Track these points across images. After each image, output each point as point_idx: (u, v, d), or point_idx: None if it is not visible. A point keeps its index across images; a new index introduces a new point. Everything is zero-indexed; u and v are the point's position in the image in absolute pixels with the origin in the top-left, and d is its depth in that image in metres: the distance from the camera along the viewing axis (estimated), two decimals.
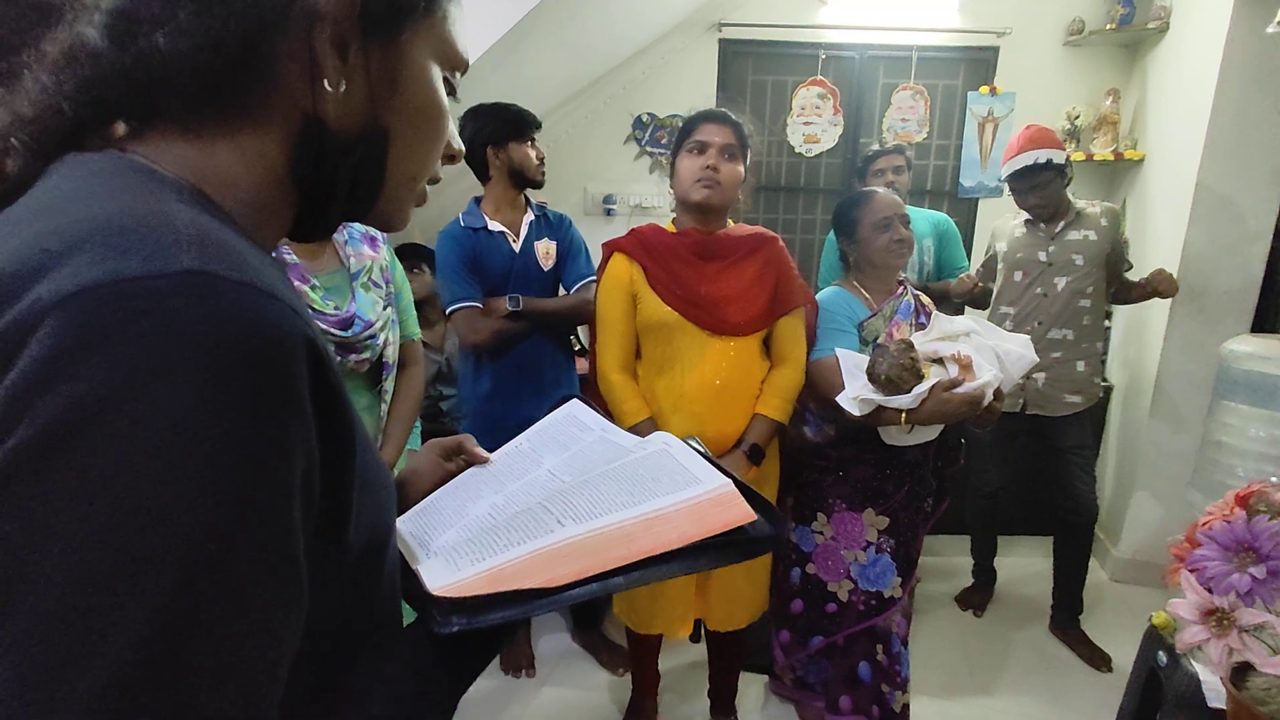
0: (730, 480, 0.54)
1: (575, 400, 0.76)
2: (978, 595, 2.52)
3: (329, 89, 0.41)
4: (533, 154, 1.93)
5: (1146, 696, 1.68)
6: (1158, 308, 2.55)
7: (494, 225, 1.92)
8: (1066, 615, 2.32)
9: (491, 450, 0.71)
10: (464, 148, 0.53)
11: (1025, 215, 2.25)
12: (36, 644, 0.27)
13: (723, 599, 1.68)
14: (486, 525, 0.57)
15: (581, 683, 2.10)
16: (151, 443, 0.28)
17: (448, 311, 1.89)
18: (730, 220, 1.65)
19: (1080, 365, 2.22)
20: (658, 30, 2.94)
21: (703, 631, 1.88)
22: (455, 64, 0.48)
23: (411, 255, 2.39)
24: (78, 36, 0.38)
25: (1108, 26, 2.79)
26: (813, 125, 3.09)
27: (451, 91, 0.48)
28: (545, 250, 1.97)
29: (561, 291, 2.02)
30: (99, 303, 0.29)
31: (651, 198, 3.15)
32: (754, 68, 3.10)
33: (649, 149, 3.14)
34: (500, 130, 1.88)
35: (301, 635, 0.35)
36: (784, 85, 3.09)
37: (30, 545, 0.27)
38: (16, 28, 0.41)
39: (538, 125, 1.95)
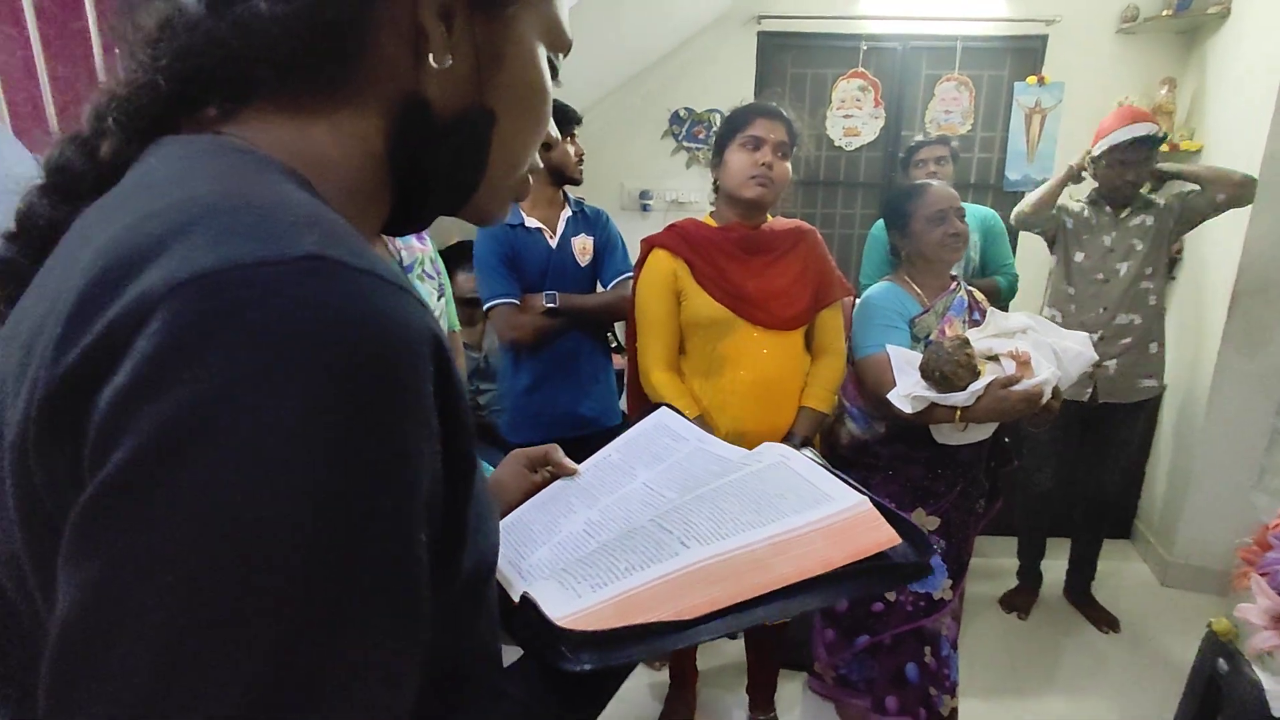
0: (866, 497, 0.48)
1: (664, 409, 0.70)
2: (1022, 598, 2.46)
3: (433, 64, 0.38)
4: (571, 151, 1.92)
5: (1205, 703, 1.63)
6: (1215, 305, 2.47)
7: (531, 222, 1.93)
8: (1079, 582, 2.44)
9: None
10: (560, 135, 0.50)
11: (1089, 196, 2.21)
12: (139, 688, 0.24)
13: None
14: (588, 544, 0.53)
15: None
16: (264, 460, 0.25)
17: (485, 308, 1.90)
18: (768, 214, 1.63)
19: (1153, 347, 2.22)
20: (696, 24, 2.92)
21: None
22: (560, 44, 0.45)
23: (462, 255, 2.41)
24: (175, 5, 0.36)
25: (1164, 13, 2.69)
26: (853, 118, 3.04)
27: (555, 74, 0.45)
28: (582, 246, 1.97)
29: (599, 287, 2.01)
30: (211, 293, 0.26)
31: (688, 193, 3.13)
32: (793, 60, 3.06)
33: (686, 144, 3.12)
34: None
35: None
36: (824, 78, 3.04)
37: (127, 579, 0.25)
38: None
39: (578, 120, 1.94)
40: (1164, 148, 2.70)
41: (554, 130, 0.48)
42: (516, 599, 0.46)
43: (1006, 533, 2.53)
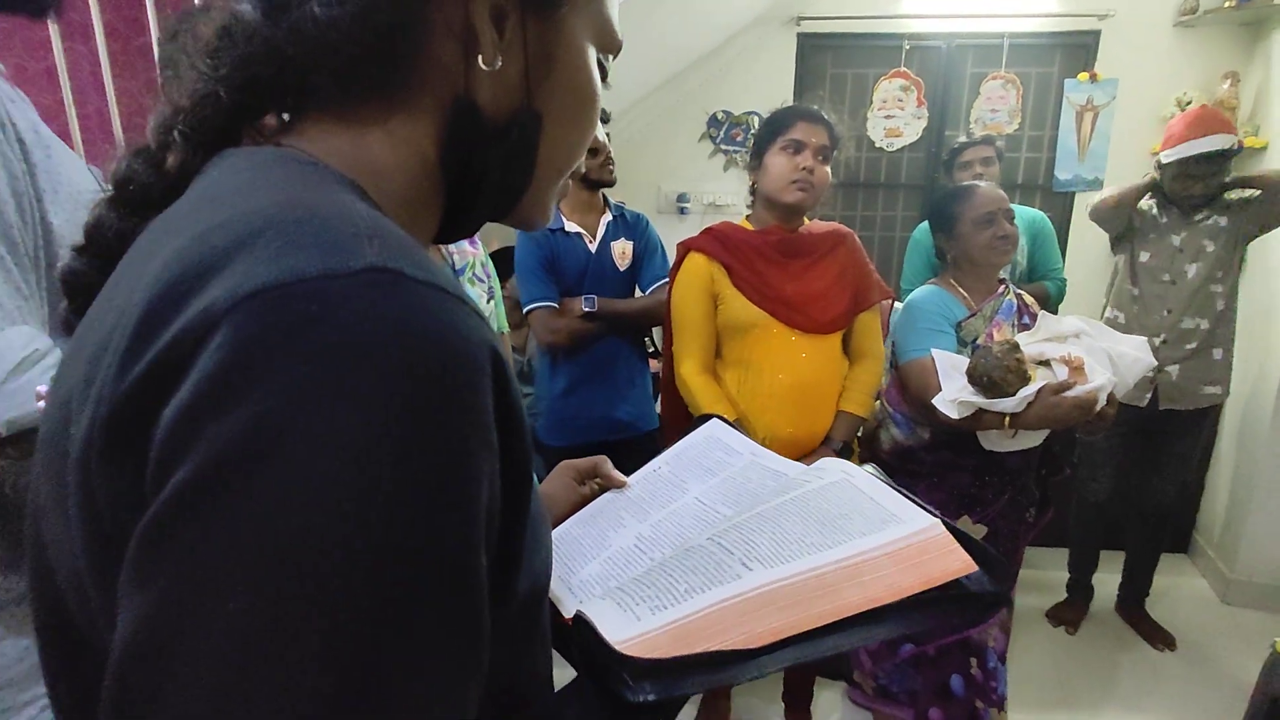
0: (938, 519, 0.45)
1: (715, 420, 0.68)
2: (1071, 611, 2.38)
3: (484, 66, 0.37)
4: (600, 155, 1.87)
5: None
6: None
7: (571, 226, 1.94)
8: (1133, 597, 2.35)
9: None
10: (605, 141, 0.50)
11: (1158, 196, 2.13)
12: (203, 709, 0.24)
13: None
14: (641, 561, 0.51)
15: None
16: (326, 480, 0.24)
17: (525, 310, 1.92)
18: (805, 217, 1.61)
19: (1218, 353, 2.13)
20: (734, 26, 2.90)
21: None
22: (611, 45, 0.44)
23: (512, 259, 2.44)
24: (233, 13, 0.37)
25: (1226, 5, 2.58)
26: (895, 119, 2.99)
27: (604, 76, 0.44)
28: (621, 250, 1.98)
29: (638, 292, 2.02)
30: (275, 307, 0.26)
31: (725, 196, 3.12)
32: (833, 61, 3.03)
33: (723, 147, 3.11)
34: None
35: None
36: (864, 78, 3.00)
37: (190, 604, 0.24)
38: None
39: (604, 120, 1.93)
40: None
41: (600, 134, 0.47)
42: (568, 616, 0.44)
43: (1058, 544, 2.44)
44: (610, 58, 0.45)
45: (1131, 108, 2.81)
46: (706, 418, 0.70)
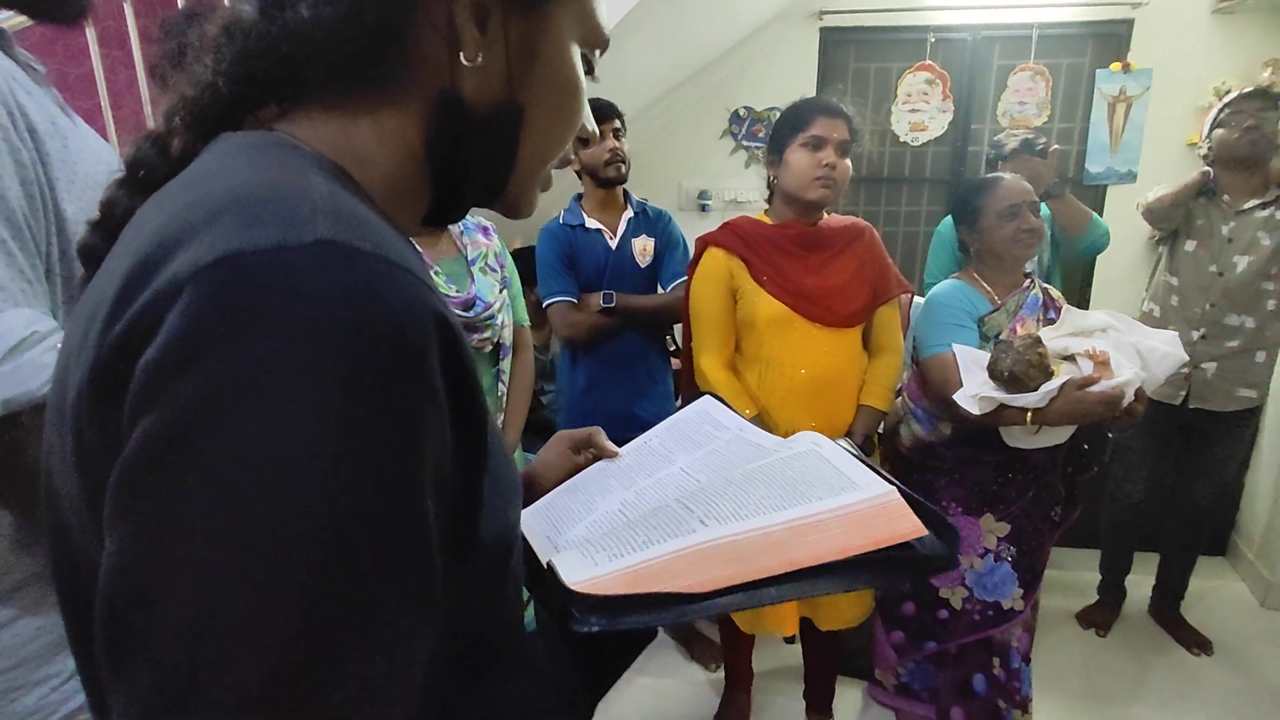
0: (895, 488, 0.49)
1: (708, 397, 0.72)
2: (1102, 614, 2.32)
3: (466, 61, 0.40)
4: (600, 150, 1.86)
5: None
6: None
7: (591, 223, 1.95)
8: (1167, 601, 2.29)
9: None
10: (596, 130, 0.52)
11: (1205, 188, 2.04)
12: (169, 650, 0.27)
13: (832, 598, 1.64)
14: (619, 521, 0.55)
15: (675, 674, 2.11)
16: (280, 433, 0.27)
17: (544, 305, 1.94)
18: (825, 211, 1.61)
19: (1260, 355, 2.02)
20: (757, 21, 2.89)
21: (799, 633, 1.84)
22: (596, 41, 0.46)
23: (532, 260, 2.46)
24: (234, 13, 0.40)
25: None
26: (919, 113, 2.95)
27: (590, 71, 0.46)
28: (642, 247, 1.98)
29: (659, 289, 2.02)
30: (231, 275, 0.28)
31: (747, 192, 3.11)
32: (856, 55, 3.00)
33: (745, 143, 3.10)
34: None
35: (435, 638, 0.33)
36: (888, 72, 2.96)
37: (161, 539, 0.27)
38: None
39: (616, 115, 1.88)
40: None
41: (591, 124, 0.49)
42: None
43: (1089, 545, 2.39)
44: (598, 53, 0.47)
45: (1166, 98, 2.73)
46: (702, 395, 0.72)
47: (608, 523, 0.55)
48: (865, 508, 0.47)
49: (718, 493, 0.51)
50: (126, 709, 0.28)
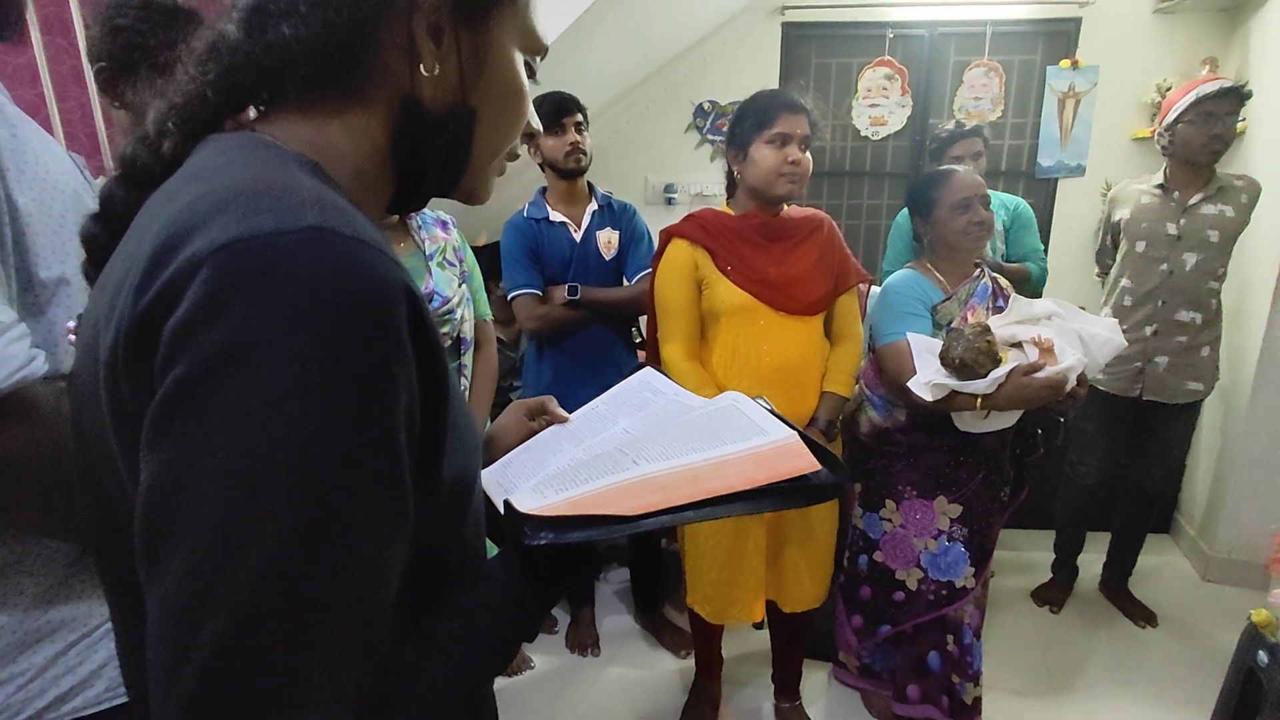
0: (795, 432, 0.57)
1: (648, 368, 0.80)
2: (1055, 591, 2.42)
3: (424, 72, 0.46)
4: (560, 144, 1.87)
5: (1244, 698, 1.59)
6: (1259, 295, 2.38)
7: (556, 215, 1.96)
8: (1116, 577, 2.39)
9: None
10: (541, 126, 0.56)
11: (1155, 181, 2.11)
12: (200, 541, 0.33)
13: (793, 579, 1.69)
14: (568, 471, 0.61)
15: (645, 663, 2.14)
16: (283, 374, 0.34)
17: (509, 297, 1.94)
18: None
19: (1205, 351, 2.11)
20: (720, 17, 2.92)
21: (766, 618, 1.89)
22: (535, 48, 0.53)
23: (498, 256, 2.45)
24: (218, 32, 0.45)
25: None
26: (879, 107, 3.01)
27: (532, 74, 0.53)
28: (607, 240, 2.00)
29: (624, 281, 2.04)
30: (241, 254, 0.35)
31: (712, 185, 3.14)
32: (818, 50, 3.05)
33: (710, 137, 3.13)
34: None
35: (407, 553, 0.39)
36: (849, 67, 3.02)
37: (192, 457, 0.34)
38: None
39: (578, 110, 1.89)
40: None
41: (534, 121, 0.55)
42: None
43: (1043, 526, 2.49)
44: (538, 59, 0.54)
45: (1113, 94, 2.84)
46: (642, 365, 0.82)
47: (558, 473, 0.62)
48: (770, 447, 0.55)
49: (649, 441, 0.59)
50: (164, 600, 0.34)
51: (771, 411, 0.62)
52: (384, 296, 0.37)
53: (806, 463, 0.54)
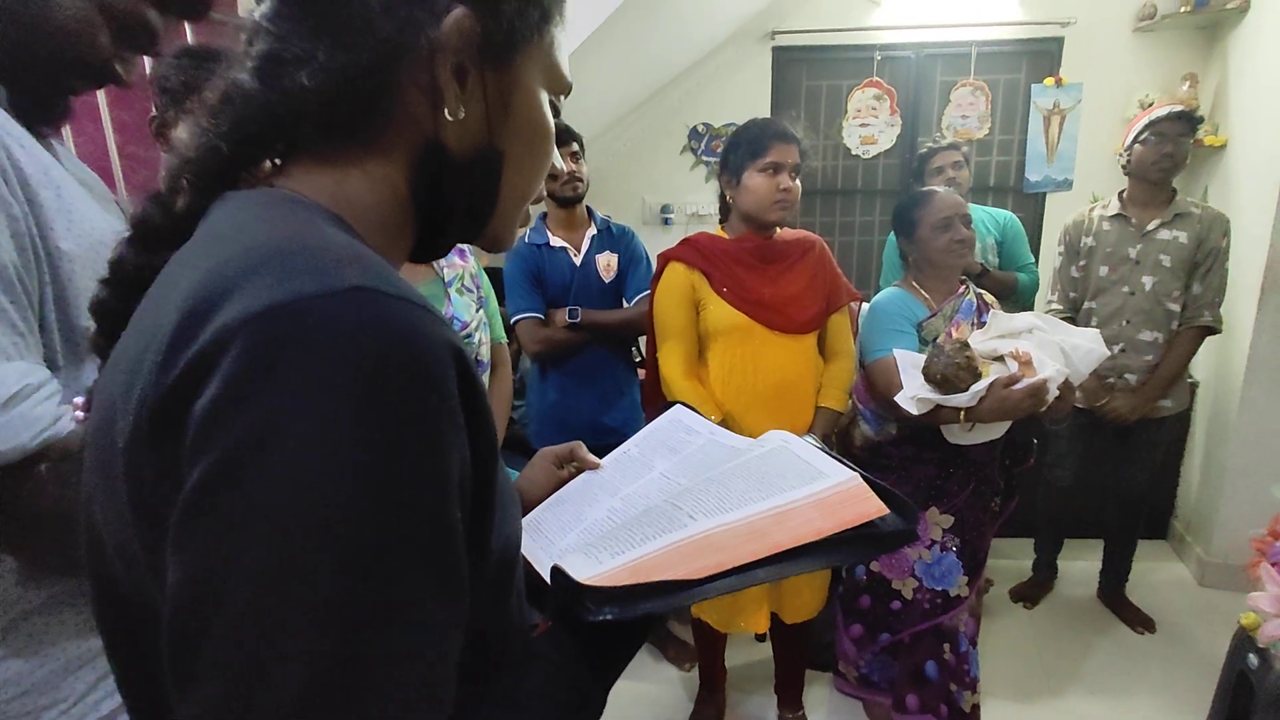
0: (857, 474, 0.53)
1: (679, 405, 0.76)
2: (1031, 589, 2.48)
3: (448, 116, 0.43)
4: (562, 168, 1.94)
5: (1237, 700, 1.62)
6: (1244, 301, 2.43)
7: (556, 241, 2.02)
8: (1113, 583, 2.43)
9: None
10: (565, 168, 0.55)
11: (1114, 210, 2.20)
12: (237, 649, 0.30)
13: (793, 589, 1.74)
14: (610, 526, 0.57)
15: (650, 676, 2.17)
16: (326, 454, 0.30)
17: (512, 321, 2.00)
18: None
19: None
20: (713, 42, 3.00)
21: (769, 629, 1.93)
22: (560, 87, 0.50)
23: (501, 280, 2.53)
24: (232, 81, 0.43)
25: (1182, 9, 2.68)
26: (869, 127, 3.09)
27: (556, 114, 0.51)
28: (606, 263, 2.06)
29: (624, 303, 2.10)
30: (280, 322, 0.31)
31: (708, 206, 3.21)
32: (808, 73, 3.13)
33: (705, 158, 3.21)
34: None
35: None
36: (839, 89, 3.10)
37: (228, 552, 0.30)
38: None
39: (574, 138, 1.95)
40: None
41: (559, 162, 0.53)
42: (547, 577, 0.50)
43: (1030, 534, 2.54)
44: (562, 97, 0.51)
45: (1096, 110, 2.91)
46: (672, 404, 0.77)
47: (600, 528, 0.59)
48: (834, 493, 0.51)
49: (702, 490, 0.55)
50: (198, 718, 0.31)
51: (824, 450, 0.58)
52: (434, 361, 0.34)
53: (874, 507, 0.50)
